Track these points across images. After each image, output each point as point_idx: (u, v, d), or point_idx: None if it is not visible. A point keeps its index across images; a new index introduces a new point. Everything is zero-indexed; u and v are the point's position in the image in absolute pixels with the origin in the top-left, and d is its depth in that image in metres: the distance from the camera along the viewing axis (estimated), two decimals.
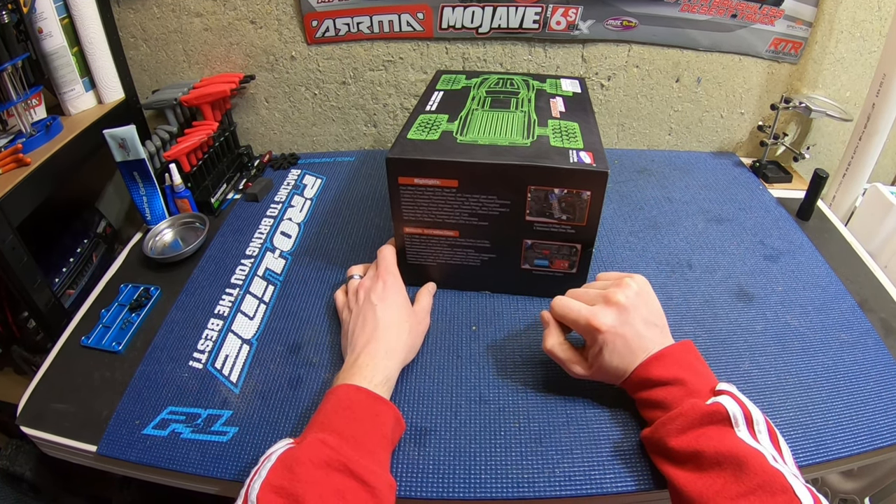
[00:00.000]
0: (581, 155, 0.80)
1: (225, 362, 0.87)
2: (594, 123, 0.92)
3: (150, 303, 1.00)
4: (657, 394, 0.68)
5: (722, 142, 1.40)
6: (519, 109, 0.95)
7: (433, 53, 1.29)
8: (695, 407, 0.63)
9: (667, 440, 0.64)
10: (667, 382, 0.68)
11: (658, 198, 1.20)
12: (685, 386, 0.67)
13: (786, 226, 1.12)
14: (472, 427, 0.75)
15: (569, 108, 0.96)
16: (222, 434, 0.77)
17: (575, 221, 0.83)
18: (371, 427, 0.66)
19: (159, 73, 1.35)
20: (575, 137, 0.85)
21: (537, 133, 0.87)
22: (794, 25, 1.21)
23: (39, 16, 1.08)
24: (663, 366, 0.69)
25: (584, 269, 0.89)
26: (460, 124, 0.90)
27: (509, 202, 0.83)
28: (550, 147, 0.83)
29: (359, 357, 0.75)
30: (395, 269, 0.89)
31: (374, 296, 0.83)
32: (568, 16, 1.21)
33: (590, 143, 0.84)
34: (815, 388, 0.79)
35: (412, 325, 0.82)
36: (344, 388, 0.69)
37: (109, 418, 0.80)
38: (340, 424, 0.65)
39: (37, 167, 1.01)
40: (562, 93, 1.03)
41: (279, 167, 1.39)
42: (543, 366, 0.83)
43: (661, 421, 0.66)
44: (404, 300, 0.85)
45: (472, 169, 0.81)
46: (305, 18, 1.24)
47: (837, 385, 0.80)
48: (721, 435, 0.60)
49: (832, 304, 0.94)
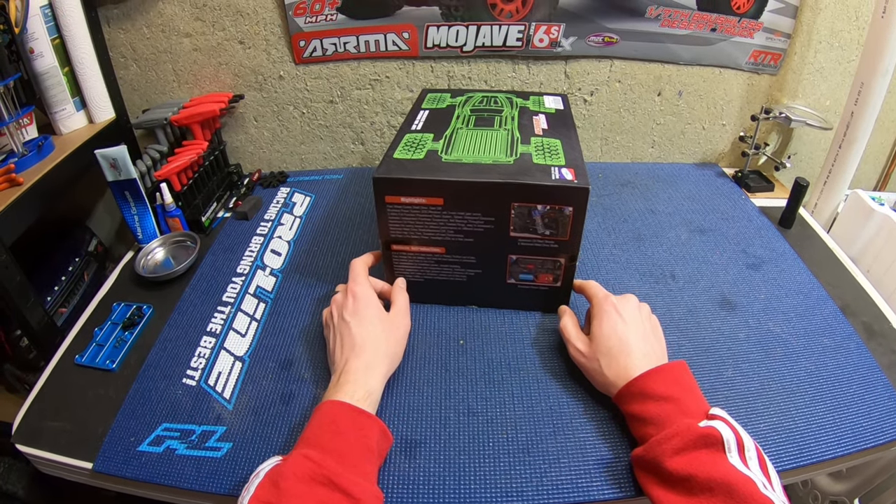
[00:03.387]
0: (563, 172, 0.82)
1: (218, 379, 0.88)
2: (576, 140, 0.93)
3: (142, 321, 1.01)
4: (651, 409, 0.69)
5: (704, 153, 1.42)
6: (502, 127, 0.97)
7: (419, 72, 1.31)
8: (690, 428, 0.64)
9: (661, 460, 0.64)
10: (662, 398, 0.69)
11: (642, 210, 1.22)
12: (679, 404, 0.68)
13: (768, 234, 1.14)
14: (461, 439, 0.77)
15: (551, 126, 0.98)
16: (216, 450, 0.77)
17: (558, 236, 0.85)
18: (355, 440, 0.67)
19: (149, 92, 1.35)
20: (557, 154, 0.87)
21: (520, 151, 0.88)
22: (772, 37, 1.23)
23: (31, 36, 1.08)
24: (661, 380, 0.71)
25: (569, 282, 0.91)
26: (445, 143, 0.92)
27: (493, 219, 0.85)
28: (533, 164, 0.84)
29: (341, 376, 0.76)
30: (363, 280, 0.87)
31: (346, 313, 0.83)
32: (550, 33, 1.23)
33: (571, 159, 0.86)
34: (799, 394, 0.81)
35: (388, 333, 0.82)
36: (328, 405, 0.70)
37: (104, 435, 0.81)
38: (324, 439, 0.66)
39: (29, 187, 1.01)
40: (545, 110, 1.04)
41: (268, 185, 1.39)
42: (530, 378, 0.85)
43: (657, 440, 0.65)
44: (376, 310, 0.84)
45: (456, 187, 0.83)
46: (293, 39, 1.26)
47: (820, 389, 0.82)
48: (714, 460, 0.61)
49: (814, 309, 0.96)
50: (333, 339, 0.83)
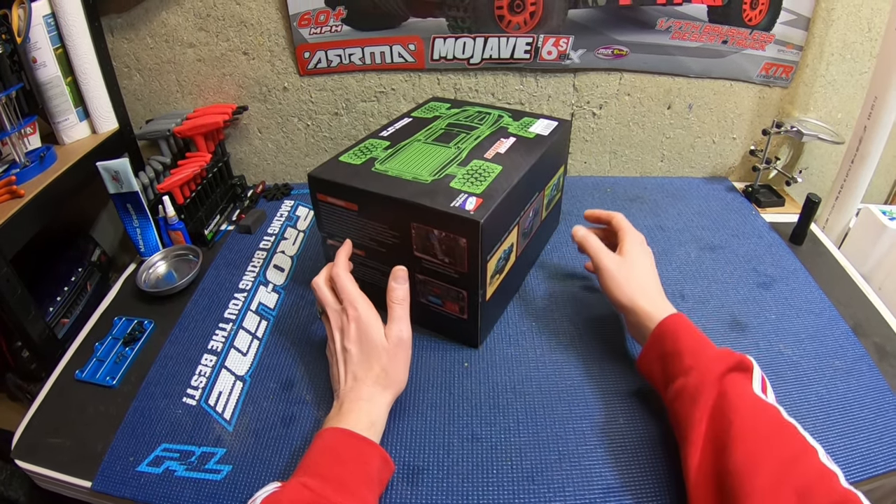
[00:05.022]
0: (468, 200, 0.79)
1: (218, 399, 0.87)
2: (525, 169, 0.89)
3: (143, 336, 1.00)
4: (687, 343, 0.74)
5: (714, 167, 1.41)
6: (455, 145, 0.96)
7: (425, 84, 1.30)
8: (729, 354, 0.71)
9: (706, 384, 0.68)
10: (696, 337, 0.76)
11: (651, 226, 1.20)
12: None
13: (779, 251, 1.12)
14: (465, 465, 0.75)
15: (511, 150, 0.95)
16: (216, 472, 0.77)
17: (456, 266, 0.83)
18: (355, 468, 0.66)
19: (153, 102, 1.35)
20: (482, 181, 0.85)
21: (447, 172, 0.87)
22: (784, 49, 1.22)
23: (33, 45, 1.08)
24: (692, 335, 0.76)
25: (475, 315, 0.88)
26: (391, 153, 0.94)
27: (398, 234, 0.85)
28: (446, 187, 0.83)
29: (343, 404, 0.74)
30: (360, 302, 0.80)
31: (347, 341, 0.79)
32: (559, 45, 1.21)
33: (493, 189, 0.83)
34: (810, 418, 0.79)
35: (392, 360, 0.78)
36: (330, 432, 0.69)
37: (104, 454, 0.80)
38: (324, 467, 0.65)
39: (31, 199, 1.01)
40: (523, 133, 1.01)
41: (272, 198, 1.39)
42: (536, 403, 0.83)
43: (699, 370, 0.70)
44: (376, 335, 0.78)
45: (366, 197, 0.85)
46: (297, 50, 1.25)
47: (831, 414, 0.80)
48: (744, 384, 0.68)
49: (825, 330, 0.94)
50: (335, 365, 0.80)
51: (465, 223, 0.77)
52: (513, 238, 0.90)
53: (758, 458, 0.59)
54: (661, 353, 0.76)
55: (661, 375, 0.76)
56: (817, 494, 0.55)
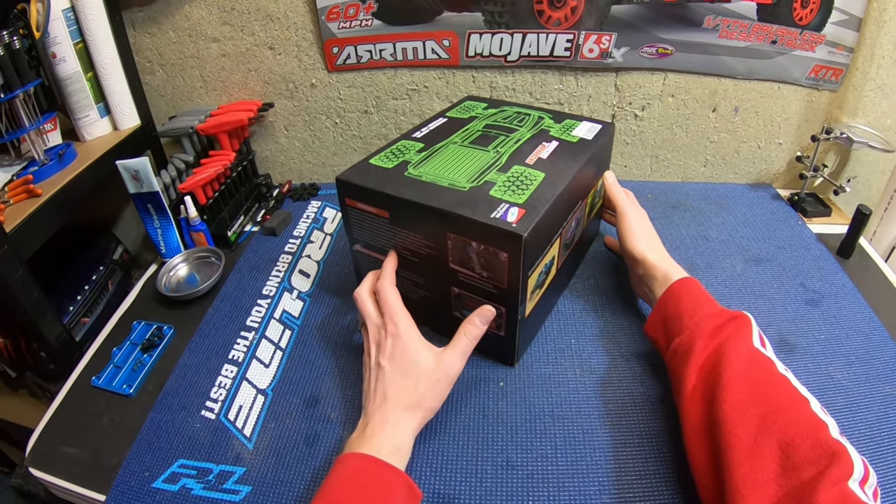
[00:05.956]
0: (509, 211, 0.74)
1: (239, 413, 0.85)
2: (569, 177, 0.84)
3: (162, 343, 0.99)
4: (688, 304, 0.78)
5: (759, 173, 1.36)
6: (494, 149, 0.91)
7: (459, 82, 1.27)
8: (723, 311, 0.76)
9: (697, 339, 0.72)
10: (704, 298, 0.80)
11: (694, 236, 1.16)
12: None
13: (827, 265, 1.08)
14: (499, 495, 0.72)
15: (554, 156, 0.90)
16: (235, 493, 0.74)
17: (496, 281, 0.78)
18: (377, 497, 0.63)
19: (176, 98, 1.34)
20: (524, 190, 0.79)
21: (486, 179, 0.82)
22: (835, 51, 1.17)
23: (53, 40, 1.07)
24: (693, 297, 0.80)
25: (513, 332, 0.83)
26: (425, 156, 0.90)
27: (433, 245, 0.81)
28: (487, 196, 0.78)
29: (368, 425, 0.70)
30: (403, 318, 0.77)
31: (382, 357, 0.75)
32: (601, 43, 1.17)
33: (536, 198, 0.78)
34: (859, 448, 0.73)
35: (429, 385, 0.74)
36: (350, 457, 0.66)
37: (119, 467, 0.79)
38: (345, 496, 0.63)
39: (48, 198, 1.00)
40: (567, 137, 0.96)
41: (299, 198, 1.37)
42: (575, 428, 0.79)
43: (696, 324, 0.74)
44: (416, 354, 0.75)
45: (398, 204, 0.81)
46: (326, 45, 1.22)
47: (882, 444, 0.76)
48: (741, 337, 0.71)
49: (876, 352, 0.90)
50: (367, 379, 0.77)
51: (506, 237, 0.72)
52: (554, 250, 0.86)
53: (744, 408, 0.61)
54: (664, 316, 0.80)
55: (664, 338, 0.79)
56: (802, 445, 0.57)
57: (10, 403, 1.27)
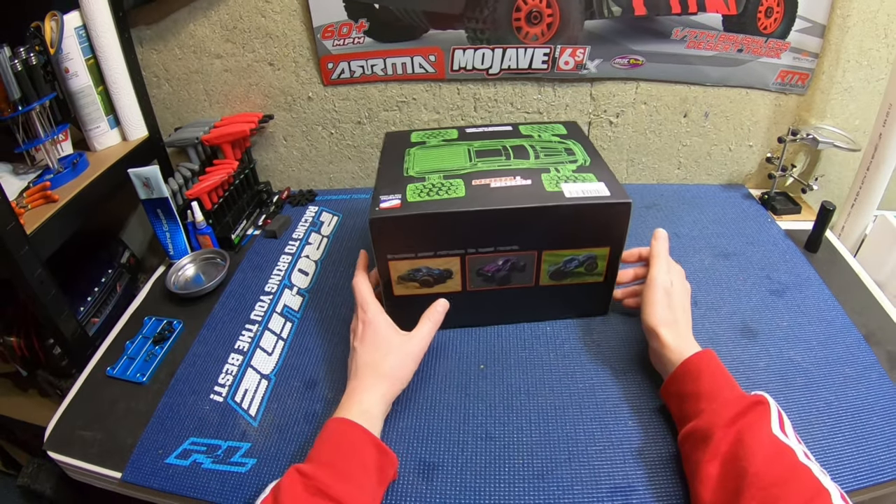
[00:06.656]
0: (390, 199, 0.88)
1: (244, 396, 0.90)
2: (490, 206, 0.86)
3: (172, 336, 1.03)
4: (706, 385, 0.74)
5: (731, 174, 1.41)
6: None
7: (445, 94, 1.32)
8: (743, 397, 0.71)
9: (715, 427, 0.68)
10: (718, 375, 0.75)
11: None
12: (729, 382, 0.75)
13: (793, 259, 1.12)
14: (478, 463, 0.78)
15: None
16: (241, 465, 0.80)
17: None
18: (349, 453, 0.70)
19: (181, 111, 1.38)
20: (436, 194, 0.88)
21: None
22: (800, 57, 1.22)
23: (66, 56, 1.11)
24: (713, 362, 0.77)
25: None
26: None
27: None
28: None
29: (346, 396, 0.79)
30: (371, 307, 0.86)
31: (355, 341, 0.85)
32: (576, 56, 1.23)
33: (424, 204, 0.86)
34: (817, 425, 0.79)
35: (391, 356, 0.82)
36: (328, 422, 0.74)
37: (134, 447, 0.84)
38: (321, 454, 0.70)
39: (64, 204, 1.04)
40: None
41: (297, 204, 1.42)
42: (548, 404, 0.85)
43: (712, 409, 0.70)
44: (384, 334, 0.84)
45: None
46: (321, 61, 1.27)
47: (840, 420, 0.80)
48: (761, 426, 0.66)
49: (837, 337, 0.94)
50: (349, 361, 0.85)
51: None
52: (451, 265, 0.93)
53: None
54: (679, 391, 0.77)
55: (678, 413, 0.77)
56: None
57: (18, 403, 1.32)
